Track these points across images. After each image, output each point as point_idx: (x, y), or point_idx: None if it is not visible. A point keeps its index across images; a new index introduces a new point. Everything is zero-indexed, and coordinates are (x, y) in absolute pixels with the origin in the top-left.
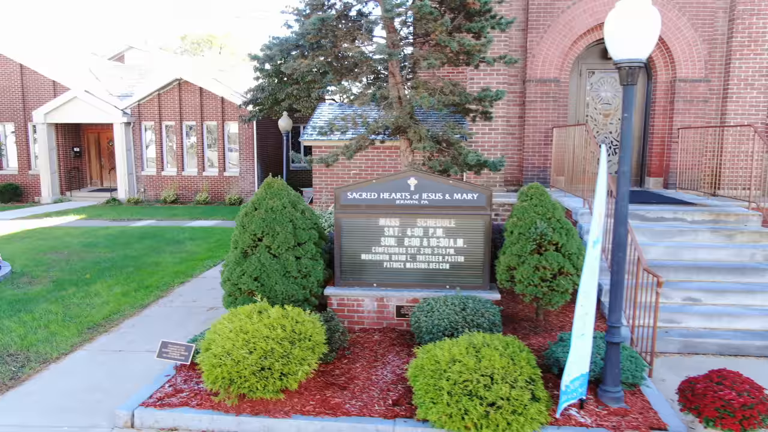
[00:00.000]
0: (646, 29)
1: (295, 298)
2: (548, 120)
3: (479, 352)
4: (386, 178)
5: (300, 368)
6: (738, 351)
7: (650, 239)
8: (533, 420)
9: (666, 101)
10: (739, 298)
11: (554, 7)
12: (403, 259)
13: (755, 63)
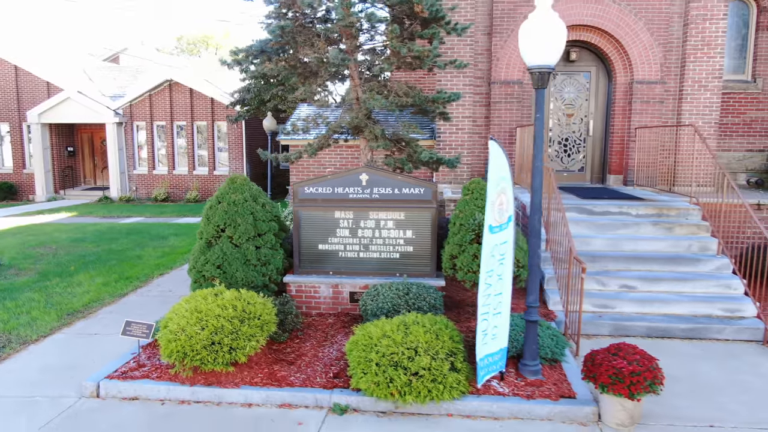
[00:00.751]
0: (551, 40)
1: (254, 284)
2: (512, 120)
3: (408, 328)
4: (340, 174)
5: (248, 344)
6: (664, 333)
7: (595, 232)
8: (452, 388)
9: (625, 102)
10: (672, 286)
11: (517, 13)
12: (356, 249)
13: (708, 65)
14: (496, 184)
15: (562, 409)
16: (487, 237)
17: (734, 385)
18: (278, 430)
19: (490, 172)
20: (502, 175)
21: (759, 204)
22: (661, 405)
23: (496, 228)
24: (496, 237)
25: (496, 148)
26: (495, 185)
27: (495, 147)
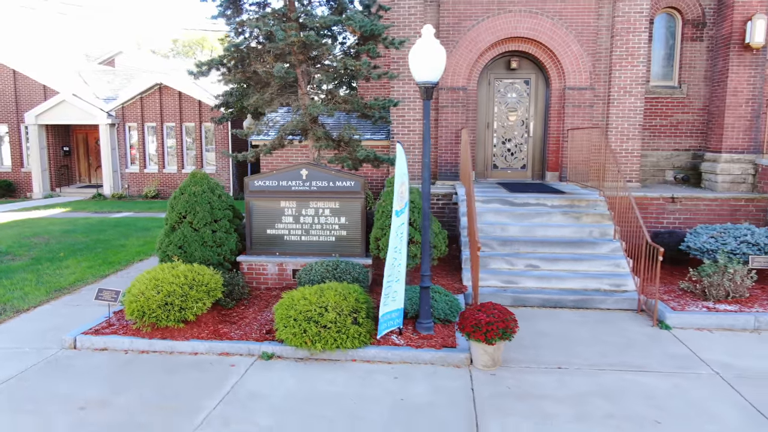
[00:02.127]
0: (434, 62)
1: (210, 261)
2: (458, 122)
3: (323, 292)
4: (284, 170)
5: (195, 305)
6: (556, 304)
7: (513, 220)
8: (354, 338)
9: (560, 106)
10: (570, 265)
11: (461, 26)
12: (299, 233)
13: (632, 73)
14: (399, 177)
15: (442, 355)
16: (393, 220)
17: (595, 340)
18: (215, 370)
19: (396, 168)
20: (403, 171)
21: (673, 197)
22: (525, 353)
23: (399, 212)
24: (398, 219)
25: (400, 151)
26: (399, 178)
27: (399, 149)
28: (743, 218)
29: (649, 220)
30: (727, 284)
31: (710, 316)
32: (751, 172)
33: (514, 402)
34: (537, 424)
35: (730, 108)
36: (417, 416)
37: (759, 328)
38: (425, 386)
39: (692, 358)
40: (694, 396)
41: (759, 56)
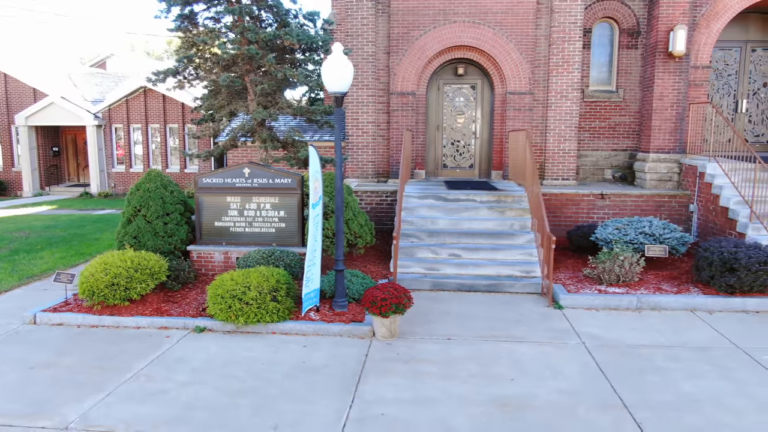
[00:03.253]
0: (342, 75)
1: (162, 250)
2: (408, 124)
3: (249, 274)
4: (229, 168)
5: (139, 286)
6: (471, 288)
7: (443, 214)
8: (272, 314)
9: (502, 109)
10: (489, 254)
11: (410, 36)
12: (243, 225)
13: (568, 79)
14: (313, 175)
15: (349, 328)
16: (309, 212)
17: (492, 318)
18: (152, 340)
19: (310, 168)
20: (316, 169)
21: (602, 194)
22: (426, 328)
23: (314, 205)
24: (313, 211)
25: (313, 153)
26: (313, 176)
27: (312, 152)
28: (666, 213)
29: (580, 214)
30: (617, 270)
31: (599, 297)
32: (676, 170)
33: (397, 364)
34: (408, 380)
35: (656, 111)
36: (310, 374)
37: (640, 307)
38: (327, 353)
39: (569, 331)
40: (553, 360)
41: (682, 64)
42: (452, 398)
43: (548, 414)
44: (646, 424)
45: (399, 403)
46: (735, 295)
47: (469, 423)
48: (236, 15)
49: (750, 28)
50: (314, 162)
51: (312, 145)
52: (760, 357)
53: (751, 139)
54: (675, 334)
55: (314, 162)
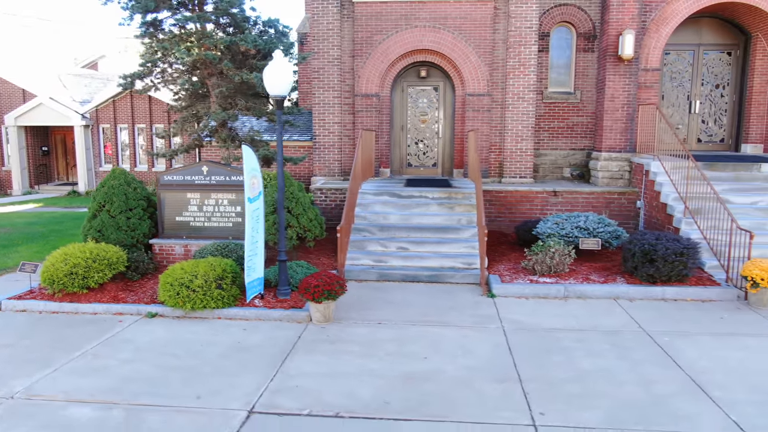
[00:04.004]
0: (281, 80)
1: (124, 243)
2: (372, 125)
3: (198, 264)
4: (188, 166)
5: (96, 275)
6: (414, 278)
7: (396, 210)
8: (217, 300)
9: (463, 110)
10: (434, 247)
11: (373, 40)
12: (202, 220)
13: (525, 81)
14: (249, 172)
15: (289, 313)
16: (247, 205)
17: (427, 305)
18: (106, 325)
19: (245, 165)
20: (252, 166)
21: (555, 191)
22: (362, 314)
23: (251, 199)
24: (251, 206)
25: (248, 152)
26: (249, 173)
27: (248, 151)
28: (617, 209)
29: (534, 211)
30: (548, 261)
31: (530, 286)
32: (627, 169)
33: (324, 345)
34: (329, 358)
35: (608, 112)
36: (243, 353)
37: (567, 296)
38: (264, 335)
39: (494, 317)
40: (470, 341)
41: (632, 66)
42: (364, 373)
43: (446, 386)
44: (532, 394)
45: (316, 376)
46: (656, 284)
47: (372, 392)
48: (195, 22)
49: (703, 31)
50: (250, 160)
51: (247, 145)
52: (661, 339)
53: (705, 138)
54: (591, 319)
55: (250, 160)
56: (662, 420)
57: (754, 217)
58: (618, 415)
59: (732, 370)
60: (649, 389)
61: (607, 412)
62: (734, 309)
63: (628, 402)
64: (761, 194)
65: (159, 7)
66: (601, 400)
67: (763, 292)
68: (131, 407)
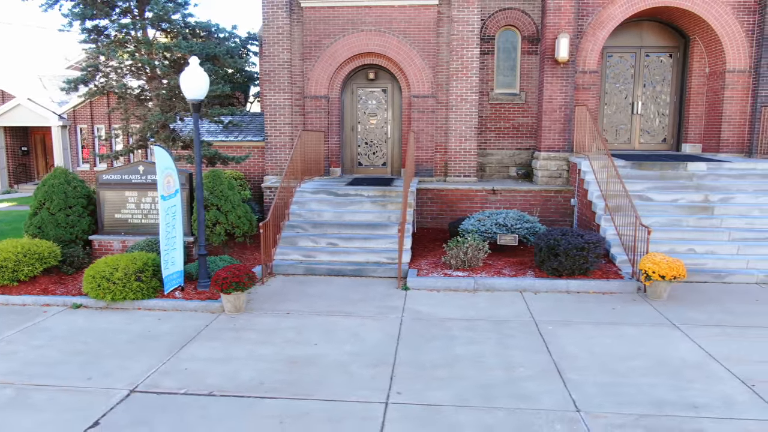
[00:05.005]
0: (198, 84)
1: (63, 239)
2: (321, 126)
3: (121, 258)
4: (126, 166)
5: (26, 269)
6: (339, 272)
7: (331, 207)
8: (137, 292)
9: (409, 112)
10: (363, 243)
11: (322, 43)
12: (140, 217)
13: (467, 83)
14: (163, 171)
15: (204, 304)
16: (161, 203)
17: (342, 297)
18: (31, 315)
19: (157, 165)
20: (166, 165)
21: (494, 189)
22: (277, 305)
23: (167, 197)
24: (167, 202)
25: (159, 152)
26: (163, 172)
27: (158, 152)
28: (553, 207)
29: (474, 208)
30: (462, 256)
31: (443, 279)
32: (565, 168)
33: (227, 333)
34: (226, 344)
35: (546, 113)
36: (149, 340)
37: (477, 288)
38: (175, 324)
39: (398, 308)
40: (364, 329)
41: (568, 69)
42: (253, 357)
43: (324, 369)
44: (399, 376)
45: (207, 360)
46: (562, 277)
47: (252, 374)
48: (134, 29)
49: (644, 34)
50: (163, 160)
51: (158, 145)
52: (545, 328)
53: (647, 138)
54: (490, 310)
55: (163, 160)
56: (506, 398)
57: (672, 214)
58: (467, 394)
59: (596, 355)
60: (510, 372)
61: (459, 392)
62: (630, 301)
63: (484, 383)
64: (683, 192)
65: (96, 15)
66: (461, 381)
67: (656, 284)
68: (24, 387)
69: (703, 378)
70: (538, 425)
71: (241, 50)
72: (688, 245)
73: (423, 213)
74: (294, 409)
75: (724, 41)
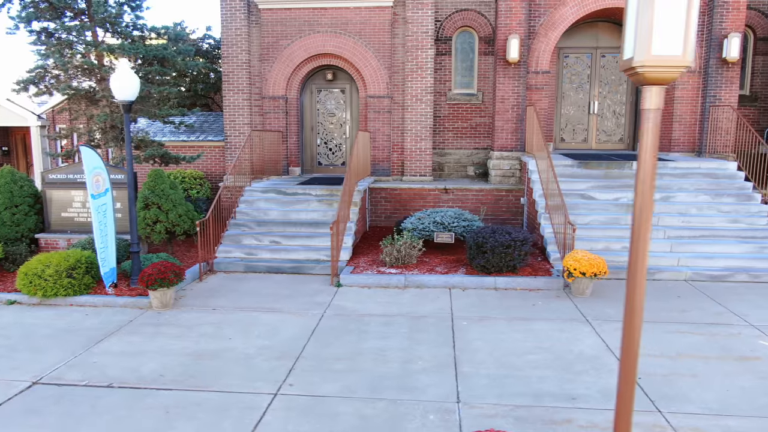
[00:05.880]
0: (127, 86)
1: (9, 238)
2: (280, 126)
3: (53, 255)
4: (72, 165)
5: None
6: (278, 270)
7: (279, 206)
8: (68, 288)
9: (366, 112)
10: (304, 241)
11: (279, 44)
12: (86, 216)
13: (422, 84)
14: (90, 171)
15: (134, 300)
16: (92, 202)
17: (273, 293)
18: None
19: (85, 166)
20: (95, 165)
21: (446, 188)
22: (205, 300)
23: (96, 196)
24: (97, 201)
25: (86, 152)
26: (92, 172)
27: (85, 152)
28: (505, 206)
29: (426, 207)
30: (395, 253)
31: (375, 277)
32: (518, 167)
33: (148, 328)
34: (143, 339)
35: (499, 113)
36: (69, 334)
37: (407, 285)
38: (101, 319)
39: (324, 304)
40: (283, 324)
41: (520, 69)
42: (164, 352)
43: (229, 362)
44: (298, 369)
45: (118, 354)
46: (491, 274)
47: (156, 367)
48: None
49: (600, 35)
50: (91, 160)
51: (84, 145)
52: (459, 323)
53: (604, 138)
54: (413, 306)
55: (91, 160)
56: (393, 390)
57: (611, 213)
58: (357, 386)
59: (499, 349)
60: (407, 366)
61: (350, 384)
62: (554, 297)
63: (378, 376)
64: (625, 191)
65: (42, 18)
66: (356, 374)
67: (579, 281)
68: None
69: (593, 371)
70: (412, 416)
71: (217, 50)
72: (624, 243)
73: (377, 212)
74: (184, 400)
75: None
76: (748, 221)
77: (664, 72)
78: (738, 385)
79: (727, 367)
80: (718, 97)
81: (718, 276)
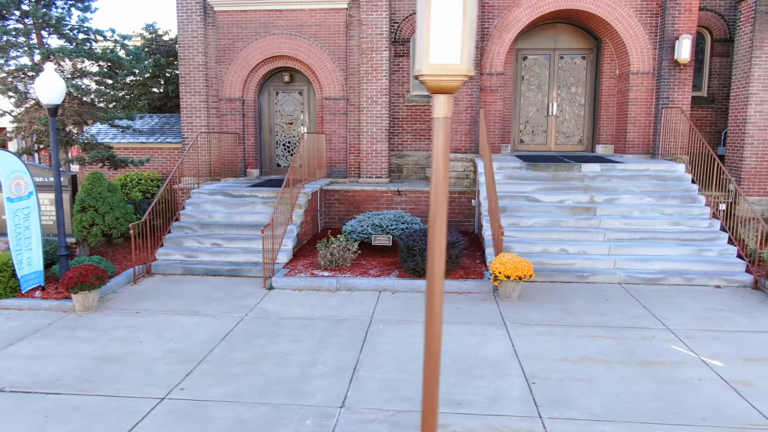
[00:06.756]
0: (51, 88)
1: None
2: (237, 127)
3: None
4: None
5: None
6: (215, 272)
7: (224, 208)
8: None
9: (323, 113)
10: (246, 244)
11: (235, 47)
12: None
13: (378, 86)
14: (8, 174)
15: (59, 303)
16: (8, 205)
17: (205, 296)
18: None
19: (3, 170)
20: (14, 168)
21: (399, 190)
22: (132, 303)
23: (15, 200)
24: (16, 205)
25: (4, 155)
26: (8, 175)
27: (3, 153)
28: (458, 208)
29: (380, 209)
30: (329, 256)
31: (307, 279)
32: (472, 169)
33: (64, 331)
34: (55, 342)
35: (453, 114)
36: None
37: (338, 288)
38: (20, 322)
39: (249, 307)
40: (199, 328)
41: None
42: (70, 355)
43: (129, 366)
44: (195, 373)
45: (23, 357)
46: (421, 277)
47: (56, 371)
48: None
49: (558, 37)
50: (9, 164)
51: (2, 149)
52: (376, 327)
53: (563, 139)
54: (337, 309)
55: (9, 164)
56: (281, 395)
57: (554, 215)
58: (247, 390)
59: (404, 353)
60: (307, 370)
61: (241, 388)
62: (480, 300)
63: (273, 380)
64: (570, 193)
65: None
66: (251, 378)
67: (505, 284)
68: None
69: (489, 375)
70: (289, 420)
71: None
72: (562, 245)
73: (330, 214)
74: (68, 404)
75: (628, 43)
76: (690, 224)
77: (446, 80)
78: (630, 390)
79: (626, 371)
80: (670, 98)
81: (651, 279)
